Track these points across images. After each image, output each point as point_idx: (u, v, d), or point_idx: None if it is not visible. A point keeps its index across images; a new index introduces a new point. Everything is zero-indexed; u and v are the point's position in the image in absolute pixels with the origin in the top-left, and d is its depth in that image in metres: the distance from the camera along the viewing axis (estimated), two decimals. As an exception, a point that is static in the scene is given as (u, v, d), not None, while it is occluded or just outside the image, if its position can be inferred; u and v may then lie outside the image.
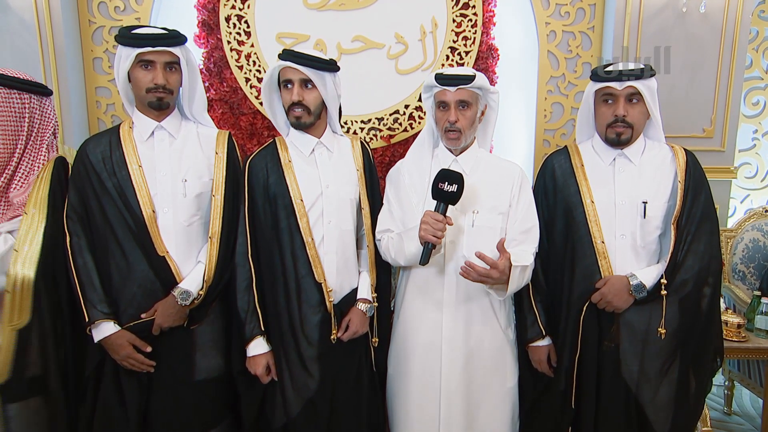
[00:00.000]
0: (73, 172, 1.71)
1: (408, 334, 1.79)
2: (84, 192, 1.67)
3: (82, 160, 1.68)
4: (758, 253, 2.96)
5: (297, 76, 1.70)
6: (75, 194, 1.68)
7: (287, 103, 1.73)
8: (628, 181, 1.74)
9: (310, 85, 1.71)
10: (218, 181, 1.74)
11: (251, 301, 1.70)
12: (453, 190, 1.57)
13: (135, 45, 1.61)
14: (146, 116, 1.71)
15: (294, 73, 1.70)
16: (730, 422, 2.89)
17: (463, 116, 1.70)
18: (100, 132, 1.81)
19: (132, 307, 1.65)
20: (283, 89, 1.74)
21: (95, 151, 1.69)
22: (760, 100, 3.31)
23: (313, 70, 1.69)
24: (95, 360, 1.67)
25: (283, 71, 1.72)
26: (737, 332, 2.43)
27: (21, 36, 2.55)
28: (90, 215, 1.66)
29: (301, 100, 1.70)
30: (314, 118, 1.75)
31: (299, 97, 1.70)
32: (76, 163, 1.70)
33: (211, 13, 2.58)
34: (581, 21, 2.78)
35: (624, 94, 1.69)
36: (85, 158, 1.68)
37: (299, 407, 1.71)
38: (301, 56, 1.69)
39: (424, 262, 1.61)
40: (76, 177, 1.69)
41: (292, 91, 1.71)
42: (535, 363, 1.83)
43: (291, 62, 1.68)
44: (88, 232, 1.66)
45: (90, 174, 1.67)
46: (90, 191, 1.66)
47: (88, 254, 1.65)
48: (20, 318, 1.59)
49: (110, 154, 1.68)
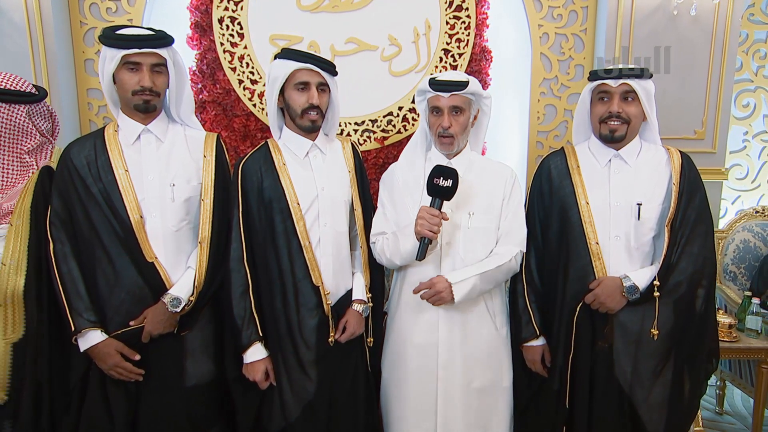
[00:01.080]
0: (56, 177, 1.66)
1: (403, 335, 1.79)
2: (68, 197, 1.62)
3: (66, 165, 1.64)
4: (749, 254, 2.99)
5: (315, 79, 1.68)
6: (59, 200, 1.63)
7: (302, 105, 1.69)
8: (623, 183, 1.75)
9: (325, 88, 1.72)
10: (207, 185, 1.71)
11: (248, 307, 1.68)
12: (448, 185, 1.58)
13: (121, 46, 1.57)
14: (132, 119, 1.67)
15: (312, 76, 1.68)
16: (722, 422, 2.91)
17: (456, 122, 1.71)
18: (84, 135, 1.76)
19: (120, 314, 1.61)
20: (296, 91, 1.69)
21: (79, 156, 1.64)
22: (750, 102, 3.34)
23: (329, 75, 1.71)
24: (80, 370, 1.63)
25: (296, 73, 1.68)
26: (728, 332, 2.46)
27: (11, 37, 2.52)
28: (75, 221, 1.62)
29: (318, 104, 1.70)
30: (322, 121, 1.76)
31: (318, 100, 1.69)
32: (60, 168, 1.65)
33: (204, 15, 2.57)
34: (574, 23, 2.79)
35: (619, 91, 1.70)
36: (68, 163, 1.64)
37: (298, 411, 1.71)
38: (319, 59, 1.69)
39: (420, 257, 1.61)
40: (59, 182, 1.64)
41: (308, 93, 1.68)
42: (529, 363, 1.83)
43: (312, 64, 1.67)
44: (72, 238, 1.62)
45: (74, 179, 1.62)
46: (74, 197, 1.62)
47: (72, 261, 1.60)
48: (14, 332, 1.57)
49: (95, 159, 1.64)
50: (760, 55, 3.27)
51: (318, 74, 1.68)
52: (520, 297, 1.83)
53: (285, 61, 1.68)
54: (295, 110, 1.71)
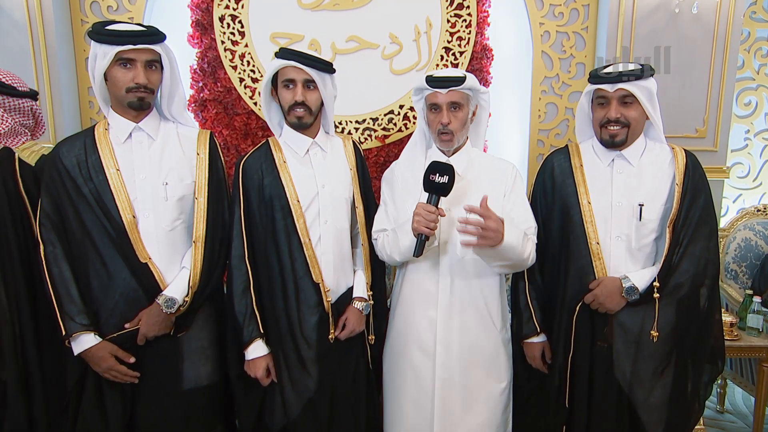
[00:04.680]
0: (45, 177, 1.61)
1: (403, 332, 1.80)
2: (59, 199, 1.58)
3: (56, 165, 1.59)
4: (750, 252, 2.98)
5: (300, 76, 1.68)
6: (49, 201, 1.58)
7: (288, 102, 1.71)
8: (625, 183, 1.74)
9: (312, 85, 1.71)
10: (201, 184, 1.68)
11: (249, 304, 1.68)
12: (444, 181, 1.57)
13: (114, 43, 1.52)
14: (123, 117, 1.62)
15: (297, 73, 1.68)
16: (723, 420, 2.91)
17: (455, 118, 1.71)
18: (74, 134, 1.70)
19: (114, 317, 1.58)
20: (283, 88, 1.71)
21: (69, 155, 1.59)
22: (751, 100, 3.33)
23: (316, 71, 1.69)
24: (76, 373, 1.60)
25: (284, 70, 1.70)
26: (729, 331, 2.45)
27: (12, 36, 2.52)
28: (66, 223, 1.58)
29: (304, 101, 1.69)
30: (313, 119, 1.74)
31: (303, 97, 1.69)
32: (49, 168, 1.60)
33: (204, 13, 2.57)
34: (575, 21, 2.79)
35: (616, 96, 1.69)
36: (58, 163, 1.59)
37: (299, 408, 1.71)
38: (305, 56, 1.68)
39: (417, 254, 1.61)
40: (49, 183, 1.59)
41: (294, 90, 1.69)
42: (529, 359, 1.84)
43: (296, 62, 1.67)
44: (64, 240, 1.58)
45: (64, 179, 1.58)
46: (65, 198, 1.57)
47: (64, 263, 1.57)
48: None
49: (86, 158, 1.59)
50: (761, 53, 3.26)
51: (303, 71, 1.68)
52: (521, 294, 1.84)
53: (275, 61, 1.71)
54: (283, 107, 1.73)
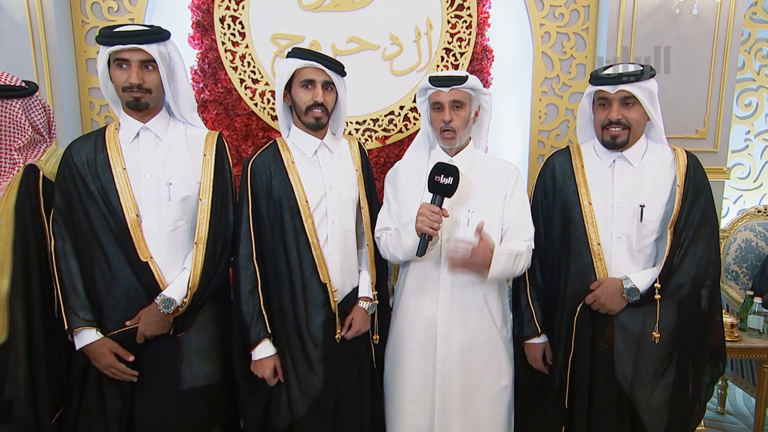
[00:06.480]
0: (58, 175, 1.66)
1: (404, 330, 1.81)
2: (69, 195, 1.62)
3: (67, 163, 1.64)
4: (751, 253, 2.98)
5: (321, 77, 1.70)
6: (61, 198, 1.63)
7: (306, 103, 1.71)
8: (626, 184, 1.74)
9: (330, 87, 1.72)
10: (205, 185, 1.69)
11: (257, 305, 1.69)
12: (449, 182, 1.59)
13: (108, 43, 1.57)
14: (131, 117, 1.66)
15: (318, 74, 1.69)
16: (724, 421, 2.91)
17: (457, 116, 1.72)
18: (87, 134, 1.76)
19: (116, 313, 1.61)
20: (301, 88, 1.71)
21: (80, 154, 1.64)
22: (752, 101, 3.33)
23: (335, 74, 1.72)
24: (80, 367, 1.63)
25: (302, 71, 1.70)
26: (730, 332, 2.45)
27: (13, 37, 2.52)
28: (75, 219, 1.62)
29: (323, 102, 1.70)
30: (327, 120, 1.76)
31: (323, 98, 1.70)
32: (62, 166, 1.66)
33: (205, 14, 2.57)
34: (575, 22, 2.79)
35: (617, 97, 1.69)
36: (69, 161, 1.64)
37: (305, 407, 1.72)
38: (325, 58, 1.70)
39: (420, 253, 1.62)
40: (61, 180, 1.64)
41: (314, 91, 1.70)
42: (530, 360, 1.84)
43: (318, 63, 1.68)
44: (73, 236, 1.62)
45: (75, 177, 1.62)
46: (75, 195, 1.62)
47: (73, 259, 1.60)
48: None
49: (95, 157, 1.63)
50: (762, 54, 3.26)
51: (323, 72, 1.70)
52: (522, 294, 1.84)
53: (291, 60, 1.70)
54: (300, 107, 1.73)
